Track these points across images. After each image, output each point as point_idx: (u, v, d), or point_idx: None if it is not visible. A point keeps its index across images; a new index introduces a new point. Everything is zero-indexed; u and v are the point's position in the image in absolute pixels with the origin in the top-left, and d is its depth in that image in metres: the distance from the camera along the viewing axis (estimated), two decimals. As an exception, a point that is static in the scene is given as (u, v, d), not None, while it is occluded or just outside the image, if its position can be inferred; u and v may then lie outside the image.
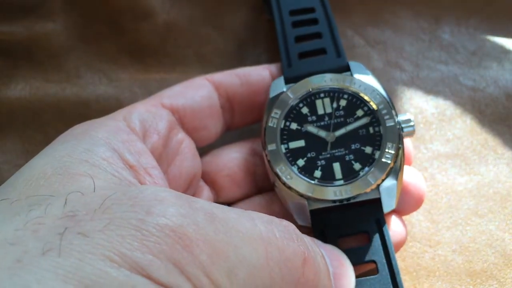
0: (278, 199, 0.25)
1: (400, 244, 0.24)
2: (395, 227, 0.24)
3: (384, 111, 0.24)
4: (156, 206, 0.16)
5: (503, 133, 0.31)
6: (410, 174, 0.25)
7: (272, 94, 0.25)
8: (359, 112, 0.25)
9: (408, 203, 0.24)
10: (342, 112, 0.25)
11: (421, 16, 0.34)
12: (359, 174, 0.23)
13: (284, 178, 0.23)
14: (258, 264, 0.16)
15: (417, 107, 0.31)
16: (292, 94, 0.25)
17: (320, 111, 0.25)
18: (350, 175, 0.23)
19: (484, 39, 0.34)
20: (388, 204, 0.23)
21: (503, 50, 0.33)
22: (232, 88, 0.26)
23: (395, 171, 0.23)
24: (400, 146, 0.24)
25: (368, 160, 0.24)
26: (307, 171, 0.24)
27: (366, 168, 0.23)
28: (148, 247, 0.15)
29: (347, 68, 0.26)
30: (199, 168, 0.25)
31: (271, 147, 0.24)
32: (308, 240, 0.20)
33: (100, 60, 0.33)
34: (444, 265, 0.27)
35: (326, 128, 0.25)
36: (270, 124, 0.25)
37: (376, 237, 0.23)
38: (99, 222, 0.15)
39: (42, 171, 0.18)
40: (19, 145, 0.31)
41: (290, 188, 0.23)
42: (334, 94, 0.25)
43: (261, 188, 0.26)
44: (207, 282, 0.15)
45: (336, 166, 0.24)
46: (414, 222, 0.28)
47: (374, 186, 0.23)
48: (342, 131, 0.24)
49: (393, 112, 0.24)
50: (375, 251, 0.22)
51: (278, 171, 0.24)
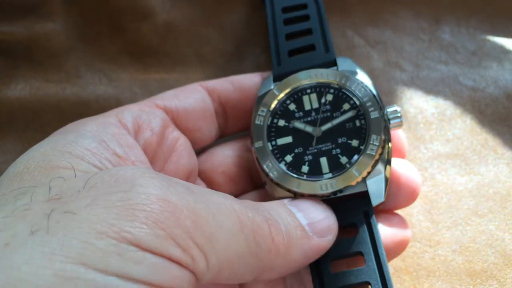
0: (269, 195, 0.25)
1: (403, 244, 0.24)
2: (395, 228, 0.24)
3: (368, 104, 0.24)
4: (139, 179, 0.16)
5: (503, 133, 0.31)
6: (402, 167, 0.25)
7: (260, 93, 0.26)
8: (346, 106, 0.25)
9: (401, 196, 0.24)
10: (328, 107, 0.25)
11: (421, 16, 0.34)
12: (345, 168, 0.23)
13: (271, 175, 0.24)
14: (234, 231, 0.18)
15: (417, 107, 0.31)
16: (278, 91, 0.25)
17: (307, 107, 0.25)
18: (337, 169, 0.23)
19: (484, 39, 0.34)
20: (376, 197, 0.23)
21: (503, 50, 0.33)
22: (225, 93, 0.27)
23: (382, 164, 0.23)
24: (386, 138, 0.24)
25: (354, 154, 0.24)
26: (294, 167, 0.24)
27: (352, 161, 0.23)
28: (136, 215, 0.15)
29: (334, 62, 0.26)
30: (195, 165, 0.26)
31: (258, 144, 0.25)
32: (269, 206, 0.21)
33: (100, 60, 0.33)
34: (444, 265, 0.27)
35: (313, 123, 0.25)
36: (257, 122, 0.25)
37: (364, 228, 0.23)
38: (84, 200, 0.15)
39: (26, 166, 0.18)
40: (19, 145, 0.31)
41: (278, 184, 0.24)
42: (321, 89, 0.25)
43: (256, 183, 0.27)
44: (193, 246, 0.16)
45: (323, 161, 0.24)
46: (414, 222, 0.28)
47: (359, 179, 0.23)
48: (328, 126, 0.24)
49: (378, 104, 0.24)
50: (363, 243, 0.22)
51: (265, 167, 0.24)
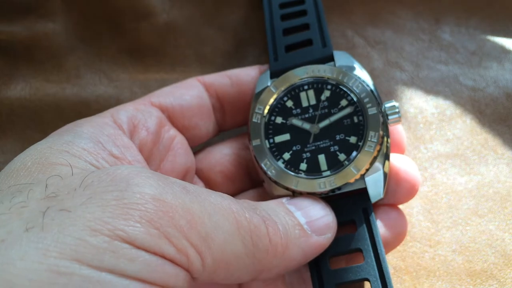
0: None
1: (401, 236, 0.24)
2: (393, 220, 0.24)
3: (366, 100, 0.24)
4: (135, 179, 0.16)
5: (503, 133, 0.31)
6: (401, 162, 0.24)
7: (257, 89, 0.26)
8: (343, 102, 0.24)
9: (400, 192, 0.24)
10: (326, 103, 0.24)
11: (421, 16, 0.34)
12: (343, 165, 0.23)
13: (269, 173, 0.24)
14: (231, 231, 0.18)
15: (417, 107, 0.31)
16: (275, 88, 0.25)
17: (305, 103, 0.25)
18: (335, 166, 0.23)
19: (484, 39, 0.34)
20: (375, 194, 0.23)
21: (503, 50, 0.33)
22: (222, 88, 0.26)
23: (380, 160, 0.23)
24: (384, 134, 0.23)
25: (353, 150, 0.23)
26: (292, 165, 0.24)
27: (350, 158, 0.23)
28: (130, 214, 0.15)
29: (331, 57, 0.26)
30: (192, 163, 0.26)
31: (256, 142, 0.24)
32: (268, 205, 0.21)
33: (100, 60, 0.33)
34: (444, 265, 0.27)
35: (310, 120, 0.24)
36: (254, 119, 0.25)
37: (363, 225, 0.23)
38: (80, 198, 0.15)
39: (23, 163, 0.18)
40: (19, 145, 0.31)
41: (276, 182, 0.23)
42: (318, 85, 0.25)
43: (255, 182, 0.27)
44: (188, 245, 0.16)
45: (321, 158, 0.24)
46: (414, 222, 0.28)
47: (358, 176, 0.23)
48: (326, 122, 0.24)
49: (376, 100, 0.24)
50: (362, 240, 0.22)
51: (263, 166, 0.24)
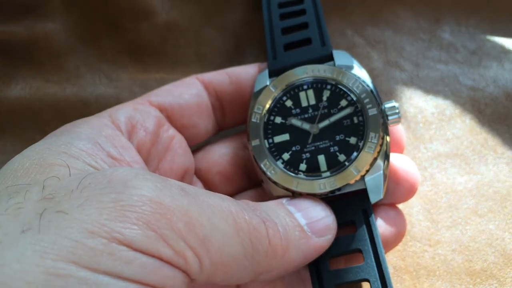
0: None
1: (400, 235, 0.24)
2: (392, 219, 0.24)
3: (366, 100, 0.24)
4: (132, 181, 0.16)
5: (503, 132, 0.31)
6: (401, 162, 0.24)
7: (256, 89, 0.25)
8: (343, 102, 0.24)
9: (399, 191, 0.24)
10: (326, 103, 0.24)
11: (421, 15, 0.35)
12: (343, 166, 0.23)
13: (268, 173, 0.23)
14: (230, 233, 0.18)
15: (417, 106, 0.31)
16: (274, 88, 0.25)
17: (304, 103, 0.25)
18: (335, 167, 0.23)
19: (484, 39, 0.34)
20: (374, 194, 0.23)
21: (503, 50, 0.33)
22: (221, 86, 0.26)
23: (380, 161, 0.23)
24: (384, 135, 0.23)
25: (352, 151, 0.23)
26: (292, 165, 0.24)
27: (351, 159, 0.23)
28: (127, 216, 0.15)
29: (330, 56, 0.26)
30: (191, 163, 0.26)
31: (255, 142, 0.24)
32: (268, 206, 0.21)
33: (100, 60, 0.33)
34: (444, 264, 0.27)
35: (310, 120, 0.24)
36: (253, 119, 0.25)
37: (363, 226, 0.23)
38: (77, 200, 0.15)
39: (21, 163, 0.18)
40: (19, 145, 0.31)
41: (275, 183, 0.23)
42: (318, 85, 0.25)
43: (254, 181, 0.27)
44: (185, 247, 0.16)
45: (321, 159, 0.24)
46: (414, 222, 0.28)
47: (358, 177, 0.23)
48: (326, 123, 0.24)
49: (376, 100, 0.24)
50: (361, 240, 0.22)
51: (262, 166, 0.24)
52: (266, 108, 0.25)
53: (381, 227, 0.23)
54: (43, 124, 0.31)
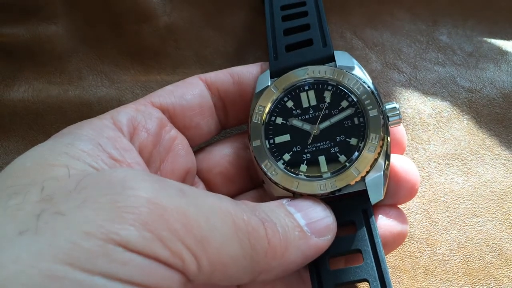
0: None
1: (401, 237, 0.24)
2: (393, 221, 0.24)
3: (367, 101, 0.24)
4: (130, 182, 0.16)
5: (500, 133, 0.31)
6: (401, 163, 0.24)
7: (257, 89, 0.25)
8: (344, 103, 0.24)
9: (400, 193, 0.24)
10: (326, 104, 0.24)
11: (418, 18, 0.35)
12: (344, 167, 0.23)
13: (269, 174, 0.24)
14: (228, 234, 0.18)
15: (414, 108, 0.32)
16: (276, 88, 0.25)
17: (305, 104, 0.25)
18: (335, 168, 0.23)
19: (481, 41, 0.34)
20: (375, 195, 0.23)
21: (500, 52, 0.33)
22: (224, 86, 0.26)
23: (381, 162, 0.23)
24: (385, 136, 0.23)
25: (353, 152, 0.23)
26: (293, 166, 0.24)
27: (351, 160, 0.23)
28: (124, 217, 0.15)
29: (332, 57, 0.26)
30: (193, 164, 0.26)
31: (256, 143, 0.24)
32: (267, 207, 0.21)
33: (102, 62, 0.33)
34: (442, 264, 0.27)
35: (310, 121, 0.24)
36: (254, 120, 0.25)
37: (362, 227, 0.23)
38: (75, 201, 0.15)
39: (22, 164, 0.18)
40: (22, 146, 0.31)
41: (276, 183, 0.23)
42: (319, 86, 0.25)
43: (255, 182, 0.27)
44: (183, 248, 0.16)
45: (322, 159, 0.24)
46: (412, 222, 0.28)
47: (358, 179, 0.23)
48: (326, 124, 0.24)
49: (377, 101, 0.24)
50: (361, 241, 0.22)
51: (263, 167, 0.24)
52: (267, 108, 0.25)
53: (382, 228, 0.23)
54: (46, 125, 0.31)
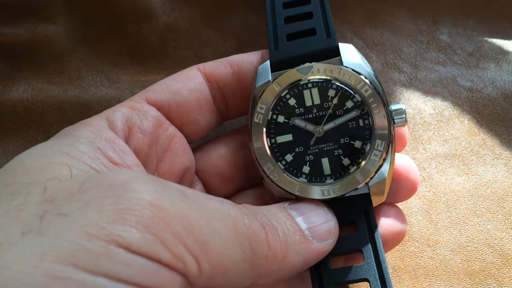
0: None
1: (400, 235, 0.24)
2: (393, 219, 0.24)
3: (374, 105, 0.23)
4: (132, 184, 0.16)
5: (501, 133, 0.31)
6: (402, 162, 0.24)
7: (258, 84, 0.24)
8: (349, 104, 0.23)
9: (400, 191, 0.24)
10: (331, 104, 0.23)
11: (419, 18, 0.35)
12: (348, 172, 0.23)
13: (271, 177, 0.23)
14: (229, 237, 0.18)
15: (415, 108, 0.32)
16: (278, 86, 0.24)
17: (308, 103, 0.24)
18: (339, 172, 0.23)
19: (482, 41, 0.34)
20: (377, 198, 0.23)
21: (500, 51, 0.33)
22: (223, 77, 0.25)
23: (385, 167, 0.23)
24: (390, 141, 0.23)
25: (357, 155, 0.23)
26: (295, 167, 0.23)
27: (356, 164, 0.23)
28: (126, 219, 0.15)
29: (336, 50, 0.24)
30: (191, 163, 0.25)
31: (257, 144, 0.24)
32: (269, 210, 0.21)
33: (102, 62, 0.33)
34: (442, 264, 0.27)
35: (314, 121, 0.23)
36: (256, 119, 0.24)
37: (363, 227, 0.23)
38: (77, 202, 0.16)
39: (21, 161, 0.18)
40: (21, 146, 0.31)
41: (278, 186, 0.23)
42: (323, 84, 0.24)
43: (253, 181, 0.26)
44: (184, 251, 0.16)
45: (325, 162, 0.23)
46: (413, 222, 0.28)
47: (362, 184, 0.23)
48: (331, 125, 0.23)
49: (383, 102, 0.23)
50: (362, 241, 0.22)
51: (266, 169, 0.23)
52: (269, 106, 0.24)
53: (381, 226, 0.23)
54: (45, 125, 0.31)
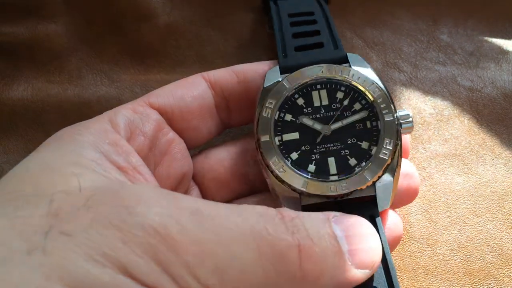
0: (271, 199, 0.24)
1: (396, 240, 0.24)
2: (390, 223, 0.24)
3: (382, 105, 0.23)
4: (139, 206, 0.16)
5: (501, 133, 0.31)
6: (404, 167, 0.24)
7: (266, 84, 0.24)
8: (357, 106, 0.24)
9: (400, 196, 0.24)
10: (339, 105, 0.24)
11: (419, 17, 0.35)
12: (354, 170, 0.23)
13: (277, 171, 0.23)
14: (250, 261, 0.16)
15: (415, 107, 0.32)
16: (288, 84, 0.24)
17: (316, 103, 0.24)
18: (345, 171, 0.23)
19: (482, 40, 0.34)
20: (383, 203, 0.23)
21: (500, 51, 0.33)
22: (229, 86, 0.25)
23: (392, 168, 0.23)
24: (398, 142, 0.23)
25: (364, 156, 0.23)
26: (301, 165, 0.23)
27: (363, 164, 0.23)
28: (131, 248, 0.15)
29: (345, 60, 0.25)
30: (189, 168, 0.25)
31: (264, 138, 0.23)
32: (310, 222, 0.18)
33: (102, 61, 0.33)
34: (442, 264, 0.27)
35: (322, 120, 0.24)
36: (264, 114, 0.24)
37: None
38: (82, 220, 0.15)
39: (25, 167, 0.18)
40: (21, 145, 0.31)
41: (282, 182, 0.23)
42: (332, 86, 0.24)
43: (255, 188, 0.26)
44: (192, 281, 0.15)
45: (331, 161, 0.23)
46: (412, 222, 0.28)
47: (370, 183, 0.22)
48: (338, 125, 0.23)
49: (391, 106, 0.23)
50: None
51: (271, 163, 0.23)
52: (278, 104, 0.24)
53: None
54: (45, 124, 0.31)
